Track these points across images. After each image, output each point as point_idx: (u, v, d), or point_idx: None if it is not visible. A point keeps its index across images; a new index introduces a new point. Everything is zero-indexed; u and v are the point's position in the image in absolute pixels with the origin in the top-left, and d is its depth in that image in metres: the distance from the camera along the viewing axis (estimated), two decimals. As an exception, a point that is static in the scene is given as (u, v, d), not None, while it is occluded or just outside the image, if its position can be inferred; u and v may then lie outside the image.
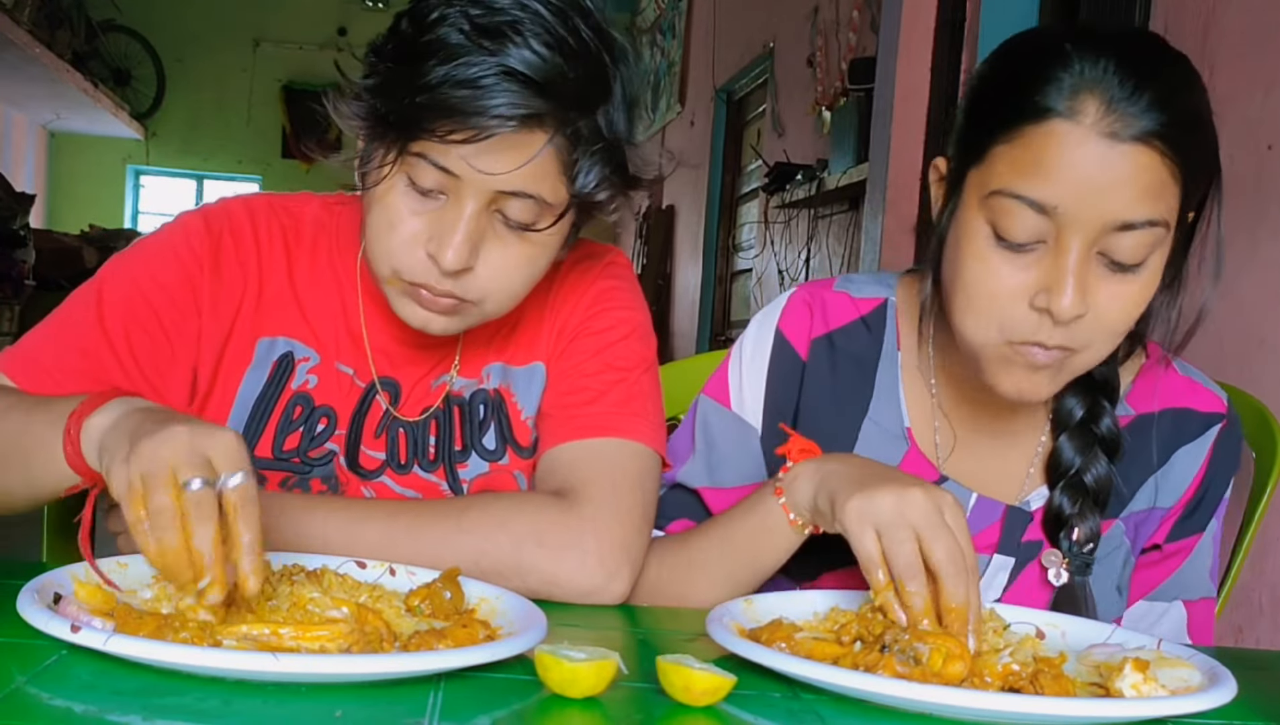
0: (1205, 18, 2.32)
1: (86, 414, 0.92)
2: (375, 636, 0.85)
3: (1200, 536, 1.23)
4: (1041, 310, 1.03)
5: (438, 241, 1.07)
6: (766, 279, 5.60)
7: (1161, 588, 1.24)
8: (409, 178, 1.06)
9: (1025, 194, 1.01)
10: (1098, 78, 1.00)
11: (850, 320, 1.25)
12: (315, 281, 1.22)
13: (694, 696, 0.81)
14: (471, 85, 1.01)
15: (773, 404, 1.24)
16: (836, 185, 4.37)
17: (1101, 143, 0.99)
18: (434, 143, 1.03)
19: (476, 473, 1.22)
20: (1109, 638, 1.02)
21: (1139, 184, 0.99)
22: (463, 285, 1.09)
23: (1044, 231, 1.02)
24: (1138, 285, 1.04)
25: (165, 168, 10.75)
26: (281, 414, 1.19)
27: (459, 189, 1.06)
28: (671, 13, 8.14)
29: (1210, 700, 0.84)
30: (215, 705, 0.73)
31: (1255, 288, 2.06)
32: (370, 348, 1.22)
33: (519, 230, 1.09)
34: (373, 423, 1.22)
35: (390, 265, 1.09)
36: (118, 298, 1.15)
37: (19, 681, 0.75)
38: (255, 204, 1.23)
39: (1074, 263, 1.01)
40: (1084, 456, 1.17)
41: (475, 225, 1.06)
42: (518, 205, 1.07)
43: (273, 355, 1.19)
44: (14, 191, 5.66)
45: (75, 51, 7.46)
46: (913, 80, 3.81)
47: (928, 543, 0.94)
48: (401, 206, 1.08)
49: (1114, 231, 1.01)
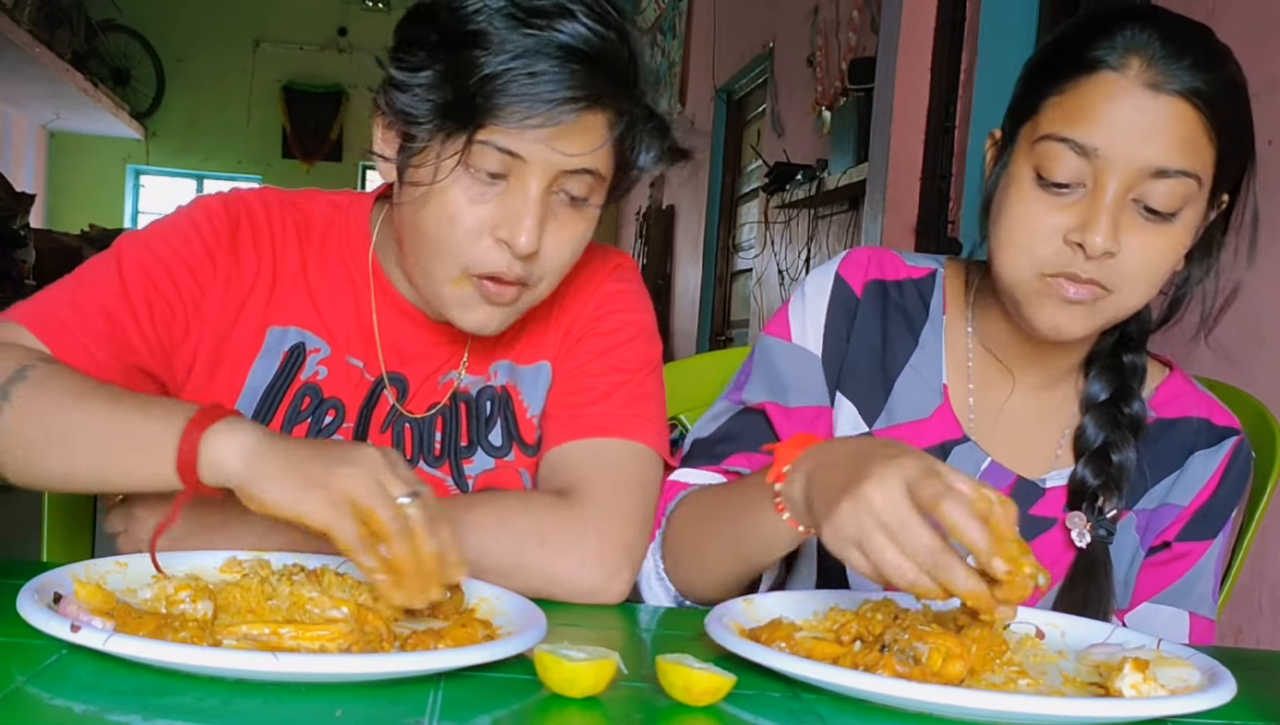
0: (1205, 18, 2.32)
1: (204, 428, 0.94)
2: (375, 636, 0.85)
3: (1209, 544, 1.24)
4: (1074, 245, 1.09)
5: (509, 227, 1.07)
6: (766, 279, 5.60)
7: (1167, 592, 1.24)
8: (469, 167, 1.06)
9: (1070, 135, 1.09)
10: (1145, 40, 1.09)
11: (903, 277, 1.31)
12: (327, 275, 1.22)
13: (694, 696, 0.81)
14: (536, 69, 1.02)
15: (832, 333, 1.29)
16: (836, 185, 4.37)
17: (1144, 93, 1.07)
18: (501, 129, 1.04)
19: (482, 468, 1.23)
20: (1109, 637, 1.02)
21: (1175, 134, 1.07)
22: (530, 268, 1.10)
23: (1084, 174, 1.09)
24: (1169, 237, 1.11)
25: (165, 167, 10.75)
26: (290, 403, 1.19)
27: (523, 171, 1.06)
28: (671, 13, 8.14)
29: (1210, 700, 0.84)
30: (215, 705, 0.73)
31: (1255, 288, 2.06)
32: (381, 343, 1.22)
33: (577, 206, 1.10)
34: (379, 417, 1.22)
35: (459, 260, 1.09)
36: (138, 265, 1.15)
37: (19, 681, 0.75)
38: (268, 196, 1.24)
39: (1110, 203, 1.08)
40: (1109, 433, 1.21)
41: (542, 206, 1.07)
42: (577, 182, 1.09)
43: (284, 345, 1.20)
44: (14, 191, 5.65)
45: (75, 51, 7.46)
46: (913, 80, 3.81)
47: (900, 537, 0.89)
48: (462, 198, 1.07)
49: (1149, 178, 1.08)
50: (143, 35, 9.91)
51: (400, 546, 0.86)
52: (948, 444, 1.25)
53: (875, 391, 1.27)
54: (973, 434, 1.26)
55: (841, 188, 4.35)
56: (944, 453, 1.25)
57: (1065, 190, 1.10)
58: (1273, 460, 1.44)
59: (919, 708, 0.83)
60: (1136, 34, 1.09)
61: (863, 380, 1.27)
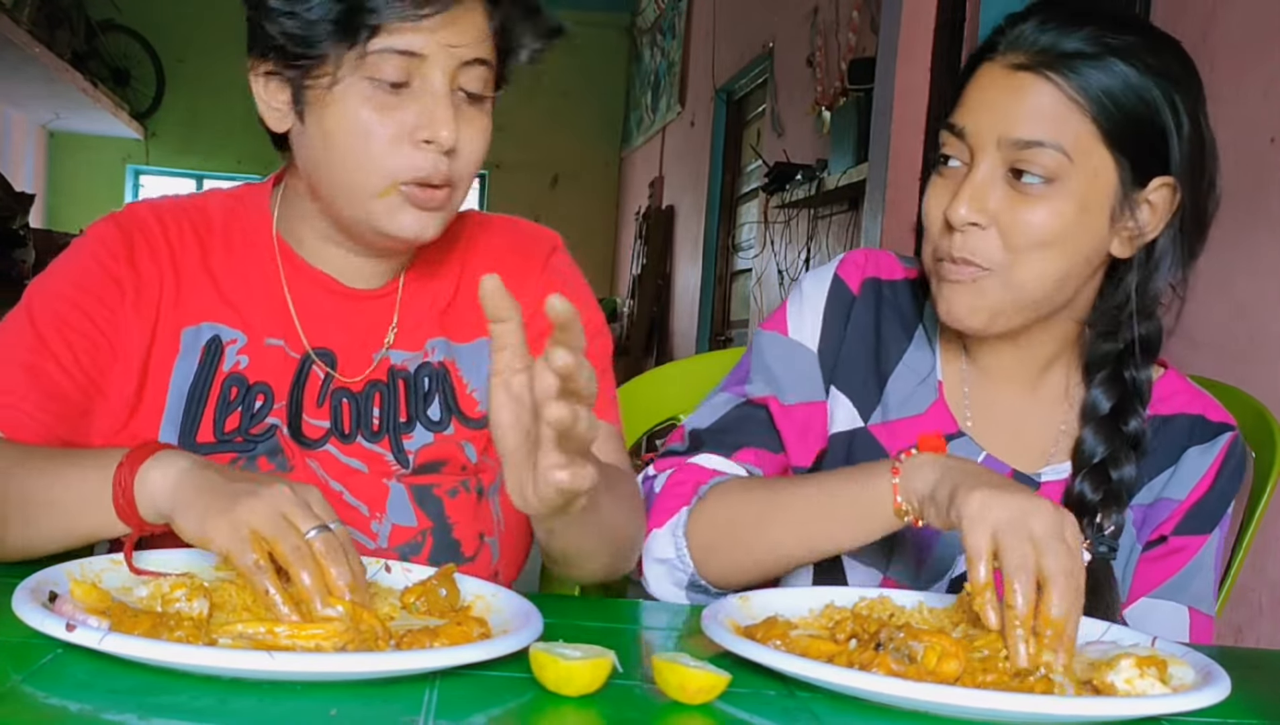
0: (1205, 18, 2.32)
1: (136, 468, 0.96)
2: (370, 635, 0.85)
3: (1206, 538, 1.24)
4: (946, 224, 1.16)
5: (428, 126, 1.08)
6: (766, 279, 5.60)
7: (1165, 587, 1.24)
8: (369, 79, 1.08)
9: (950, 121, 1.18)
10: (1028, 29, 1.15)
11: (899, 277, 1.33)
12: (233, 265, 1.22)
13: (689, 694, 0.81)
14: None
15: (826, 334, 1.31)
16: (836, 185, 4.37)
17: (1005, 72, 1.15)
18: (398, 27, 1.06)
19: (422, 443, 1.23)
20: (1103, 635, 1.02)
21: (1030, 105, 1.13)
22: (452, 165, 1.11)
23: (963, 154, 1.17)
24: (1042, 209, 1.13)
25: (165, 167, 10.74)
26: (218, 397, 1.19)
27: (426, 69, 1.08)
28: (671, 13, 8.14)
29: (1204, 698, 0.84)
30: (210, 704, 0.73)
31: (1255, 288, 2.06)
32: (299, 318, 1.22)
33: (477, 102, 1.12)
34: (313, 392, 1.21)
35: (384, 172, 1.10)
36: (48, 311, 1.15)
37: (14, 680, 0.75)
38: (160, 204, 1.24)
39: (974, 176, 1.15)
40: (1108, 447, 1.21)
41: (453, 100, 1.09)
42: (474, 75, 1.11)
43: (199, 342, 1.20)
44: (13, 191, 5.65)
45: (75, 51, 7.45)
46: (913, 80, 3.81)
47: (1045, 553, 0.93)
48: (369, 111, 1.08)
49: (1015, 150, 1.13)
50: (142, 35, 9.90)
51: (307, 573, 0.87)
52: (943, 438, 1.25)
53: (870, 387, 1.28)
54: (968, 429, 1.27)
55: (841, 188, 4.35)
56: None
57: (951, 171, 1.17)
58: (1272, 460, 1.44)
59: (914, 706, 0.83)
60: (1024, 24, 1.15)
61: (858, 376, 1.28)
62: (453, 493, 1.24)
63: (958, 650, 0.86)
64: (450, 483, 1.24)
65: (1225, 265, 2.08)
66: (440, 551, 1.21)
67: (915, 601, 1.05)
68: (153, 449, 0.98)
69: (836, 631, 0.94)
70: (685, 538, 1.20)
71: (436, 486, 1.23)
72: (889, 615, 0.99)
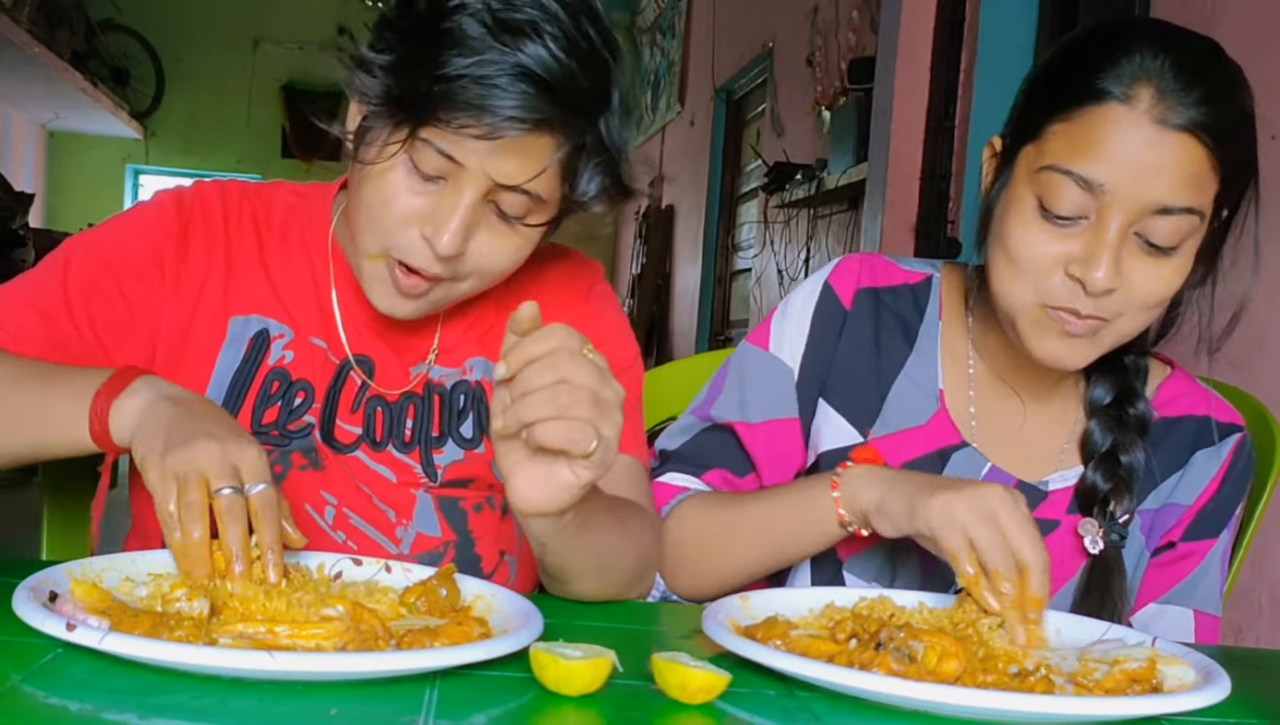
0: (1205, 18, 2.32)
1: (114, 395, 1.00)
2: (371, 634, 0.85)
3: (1214, 542, 1.25)
4: (1075, 279, 1.09)
5: (434, 225, 1.08)
6: (766, 279, 5.60)
7: (1173, 592, 1.25)
8: (411, 160, 1.07)
9: (1074, 169, 1.07)
10: (1155, 69, 1.06)
11: (898, 284, 1.31)
12: (287, 260, 1.23)
13: (689, 694, 0.81)
14: (489, 83, 1.02)
15: (813, 349, 1.29)
16: (836, 185, 4.37)
17: (1152, 127, 1.05)
18: (445, 131, 1.04)
19: (452, 459, 1.24)
20: (1105, 634, 1.02)
21: (1182, 171, 1.06)
22: (448, 267, 1.11)
23: (1087, 207, 1.08)
24: (1170, 268, 1.10)
25: (165, 167, 10.73)
26: (259, 389, 1.20)
27: (460, 177, 1.07)
28: (671, 13, 8.13)
29: (1205, 698, 0.84)
30: (211, 703, 0.73)
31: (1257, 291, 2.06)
32: (343, 325, 1.23)
33: (511, 221, 1.11)
34: (349, 397, 1.22)
35: (382, 242, 1.11)
36: (83, 265, 1.17)
37: (14, 680, 0.75)
38: (228, 187, 1.26)
39: (1112, 239, 1.07)
40: (1115, 436, 1.22)
41: (472, 213, 1.08)
42: (513, 199, 1.09)
43: (248, 332, 1.21)
44: (13, 191, 5.65)
45: (74, 51, 7.45)
46: (912, 80, 3.81)
47: (1013, 537, 1.00)
48: (400, 185, 1.09)
49: (1152, 214, 1.06)
50: (142, 35, 9.90)
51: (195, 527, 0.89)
52: (946, 450, 1.25)
53: (868, 400, 1.27)
54: (972, 439, 1.26)
55: (841, 187, 4.35)
56: (943, 459, 1.25)
57: (1068, 222, 1.09)
58: (1273, 460, 1.43)
59: (914, 705, 0.83)
60: (1147, 61, 1.06)
61: (854, 390, 1.27)
62: (477, 508, 1.25)
63: (958, 650, 0.86)
64: (476, 498, 1.25)
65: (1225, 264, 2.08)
66: (461, 565, 1.20)
67: (915, 602, 1.05)
68: (132, 376, 1.02)
69: (837, 631, 0.94)
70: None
71: (462, 500, 1.24)
72: (889, 615, 0.99)
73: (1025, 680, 0.87)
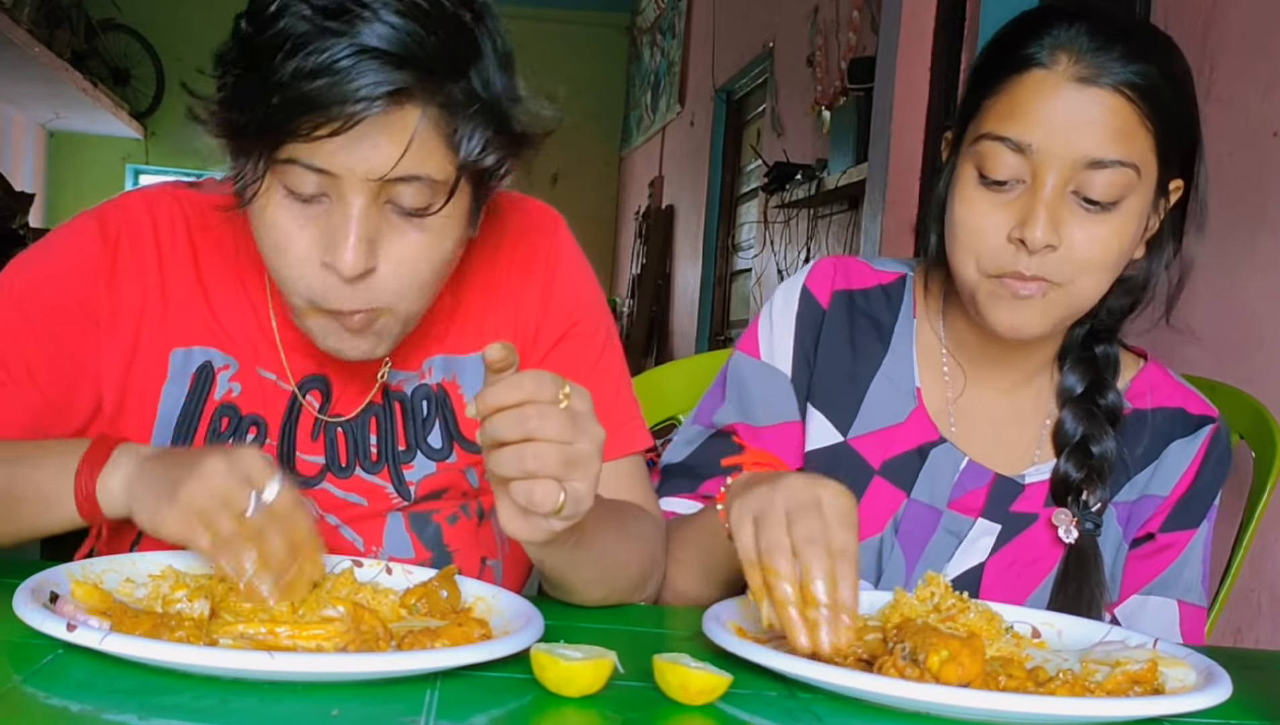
0: (1205, 17, 2.32)
1: (97, 469, 0.97)
2: (371, 635, 0.85)
3: (1194, 533, 1.25)
4: (1017, 242, 1.12)
5: (331, 249, 0.98)
6: (766, 279, 5.59)
7: (1155, 583, 1.25)
8: (285, 188, 0.98)
9: (1005, 134, 1.12)
10: (1073, 35, 1.11)
11: (871, 285, 1.32)
12: (223, 281, 1.14)
13: (690, 695, 0.81)
14: (327, 72, 0.91)
15: (800, 349, 1.30)
16: (836, 185, 4.36)
17: (1073, 86, 1.10)
18: (301, 144, 0.94)
19: (424, 473, 1.18)
20: (1106, 636, 1.02)
21: (1107, 125, 1.10)
22: (370, 292, 1.00)
23: (1021, 171, 1.12)
24: (1109, 226, 1.12)
25: (165, 167, 10.73)
26: (208, 427, 1.13)
27: (340, 188, 0.96)
28: (671, 13, 8.13)
29: (1206, 699, 0.84)
30: (211, 704, 0.73)
31: (1255, 288, 2.06)
32: (284, 350, 1.14)
33: (414, 217, 0.99)
34: (306, 426, 1.15)
35: (301, 294, 1.01)
36: (10, 326, 1.09)
37: (15, 680, 0.75)
38: (157, 197, 1.15)
39: (1047, 196, 1.11)
40: (1087, 426, 1.23)
41: (366, 222, 0.97)
42: (407, 191, 0.98)
43: (190, 366, 1.13)
44: (13, 191, 5.65)
45: (75, 51, 7.44)
46: (913, 80, 3.81)
47: (793, 524, 0.91)
48: (285, 221, 0.99)
49: (1085, 169, 1.10)
50: (142, 35, 9.89)
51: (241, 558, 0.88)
52: (925, 447, 1.26)
53: (847, 401, 1.28)
54: (950, 435, 1.26)
55: (841, 187, 4.34)
56: (921, 455, 1.26)
57: (1005, 187, 1.13)
58: (1273, 460, 1.44)
59: (915, 707, 0.83)
60: (1064, 30, 1.11)
61: (834, 391, 1.28)
62: (452, 519, 1.20)
63: (966, 655, 0.86)
64: (450, 508, 1.20)
65: (1226, 263, 2.08)
66: None
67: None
68: (108, 446, 0.98)
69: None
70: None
71: (435, 513, 1.20)
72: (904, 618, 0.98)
73: (1049, 685, 0.87)
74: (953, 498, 1.24)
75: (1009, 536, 1.25)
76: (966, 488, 1.25)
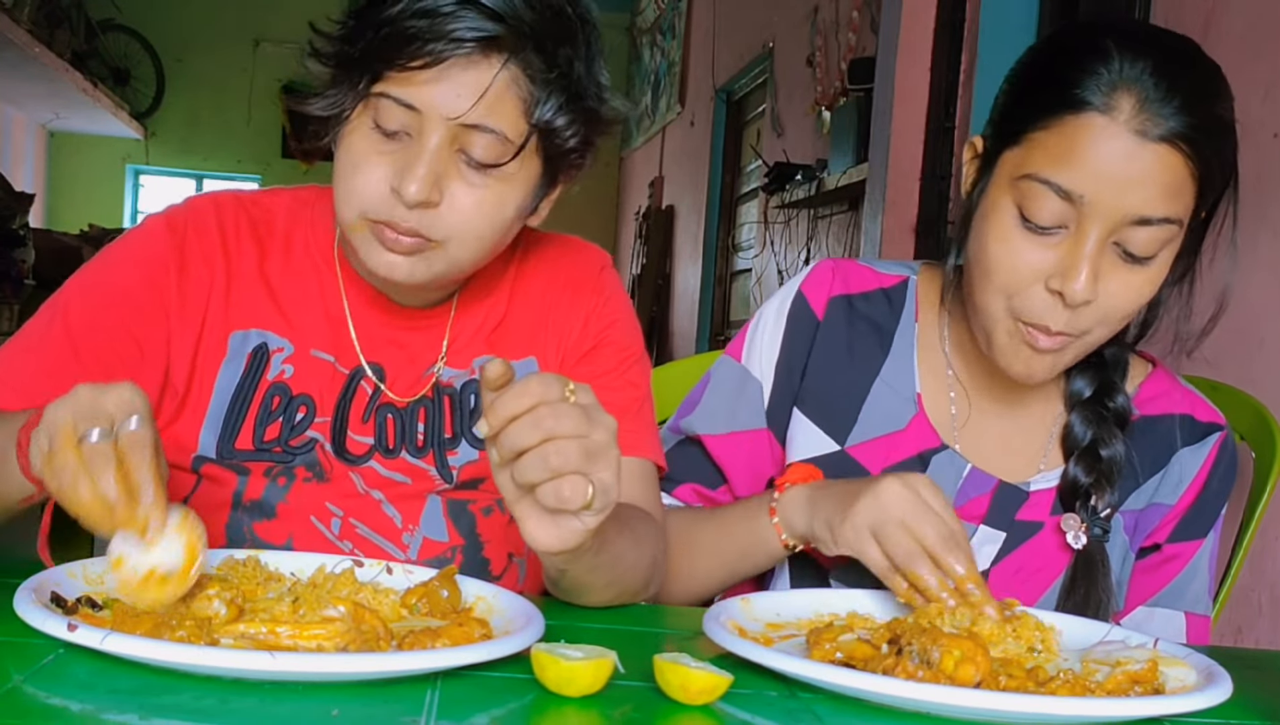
0: (1205, 17, 2.32)
1: (35, 425, 0.90)
2: (372, 635, 0.85)
3: (1200, 543, 1.24)
4: (1054, 292, 1.08)
5: (400, 175, 1.07)
6: (766, 279, 5.60)
7: (1161, 594, 1.24)
8: (373, 121, 1.08)
9: (1054, 180, 1.06)
10: (1135, 77, 1.05)
11: (872, 288, 1.30)
12: (290, 271, 1.22)
13: (691, 695, 0.81)
14: (430, 14, 1.04)
15: (785, 361, 1.29)
16: (836, 185, 4.37)
17: (1131, 140, 1.04)
18: (396, 75, 1.05)
19: (466, 460, 1.23)
20: (1107, 636, 1.02)
21: (1161, 182, 1.05)
22: (427, 222, 1.08)
23: (1067, 217, 1.07)
24: (1145, 277, 1.10)
25: (165, 167, 10.73)
26: (260, 405, 1.19)
27: (422, 126, 1.07)
28: (671, 13, 8.13)
29: (1206, 699, 0.84)
30: (212, 704, 0.73)
31: (1255, 288, 2.06)
32: (356, 332, 1.22)
33: (482, 170, 1.09)
34: (359, 407, 1.21)
35: (356, 206, 1.09)
36: (85, 312, 1.15)
37: (16, 680, 0.75)
38: (222, 200, 1.24)
39: (1091, 250, 1.07)
40: (1096, 429, 1.21)
41: (437, 159, 1.07)
42: (480, 141, 1.07)
43: (246, 347, 1.20)
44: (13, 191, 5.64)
45: (75, 51, 7.44)
46: (912, 80, 3.81)
47: (915, 529, 1.02)
48: (366, 148, 1.09)
49: (1131, 225, 1.06)
50: (143, 35, 9.89)
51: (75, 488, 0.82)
52: (926, 453, 1.24)
53: (845, 409, 1.26)
54: (952, 442, 1.25)
55: (841, 188, 4.35)
56: (923, 462, 1.24)
57: (1047, 232, 1.08)
58: (1273, 460, 1.43)
59: (916, 707, 0.83)
60: (1127, 69, 1.05)
61: (829, 399, 1.27)
62: (486, 510, 1.24)
63: (977, 655, 0.86)
64: (486, 501, 1.24)
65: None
66: (469, 568, 1.20)
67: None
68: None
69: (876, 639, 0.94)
70: None
71: (472, 502, 1.24)
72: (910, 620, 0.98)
73: (1049, 684, 0.87)
74: (955, 505, 1.23)
75: (1014, 544, 1.23)
76: (969, 495, 1.24)
